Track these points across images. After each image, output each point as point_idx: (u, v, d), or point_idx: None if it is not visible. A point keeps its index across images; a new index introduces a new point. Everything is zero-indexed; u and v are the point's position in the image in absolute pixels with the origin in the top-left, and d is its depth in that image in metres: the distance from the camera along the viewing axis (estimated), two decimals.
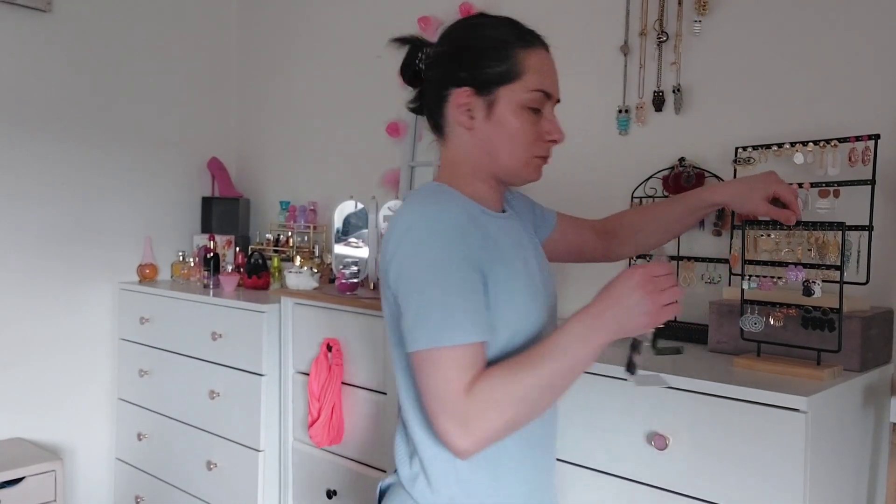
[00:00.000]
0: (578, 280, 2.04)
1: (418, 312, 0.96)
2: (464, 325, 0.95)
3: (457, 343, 0.94)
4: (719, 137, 1.78)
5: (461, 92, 1.10)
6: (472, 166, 1.13)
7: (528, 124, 1.10)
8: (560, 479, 1.50)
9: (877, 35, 1.56)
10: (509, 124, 1.10)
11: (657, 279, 0.98)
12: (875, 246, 1.49)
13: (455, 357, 0.94)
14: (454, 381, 0.94)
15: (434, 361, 0.95)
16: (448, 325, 0.95)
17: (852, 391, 1.35)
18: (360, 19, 2.64)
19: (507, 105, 1.10)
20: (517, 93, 1.10)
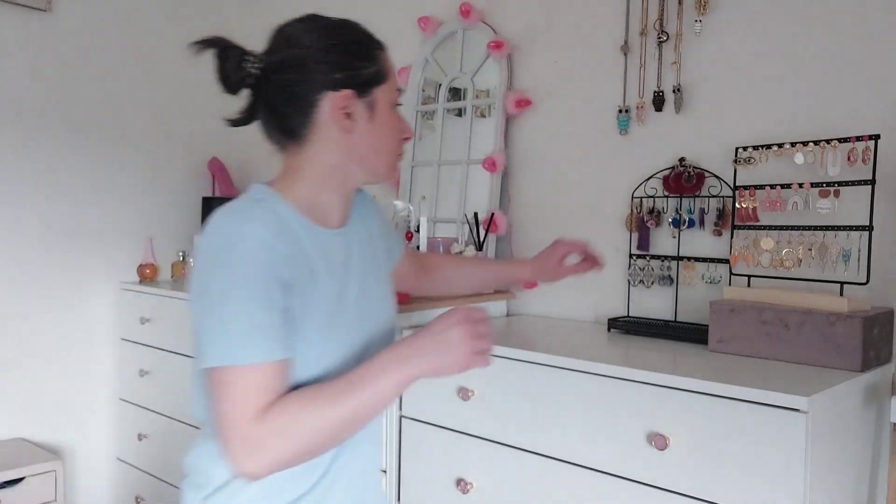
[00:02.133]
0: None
1: (213, 328, 0.92)
2: (260, 343, 0.91)
3: (252, 361, 0.91)
4: (719, 137, 1.78)
5: (340, 95, 1.05)
6: (329, 174, 1.09)
7: (397, 121, 1.13)
8: (560, 478, 1.50)
9: (877, 35, 1.56)
10: (388, 125, 1.11)
11: (476, 324, 1.00)
12: (875, 246, 1.49)
13: (249, 377, 0.90)
14: (247, 404, 0.90)
15: (227, 380, 0.91)
16: (243, 342, 0.91)
17: (853, 391, 1.35)
18: (360, 19, 2.63)
19: (384, 106, 1.10)
20: (387, 93, 1.11)
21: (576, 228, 2.04)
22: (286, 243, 0.98)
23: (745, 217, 1.65)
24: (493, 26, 2.19)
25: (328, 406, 0.93)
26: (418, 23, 2.37)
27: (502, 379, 1.59)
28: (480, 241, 2.06)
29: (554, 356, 1.51)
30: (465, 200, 2.23)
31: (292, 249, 0.99)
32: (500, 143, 2.15)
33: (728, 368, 1.41)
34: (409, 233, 2.07)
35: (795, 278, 1.59)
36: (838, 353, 1.39)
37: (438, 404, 1.72)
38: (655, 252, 1.90)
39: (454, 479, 1.68)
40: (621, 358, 1.49)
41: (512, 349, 1.58)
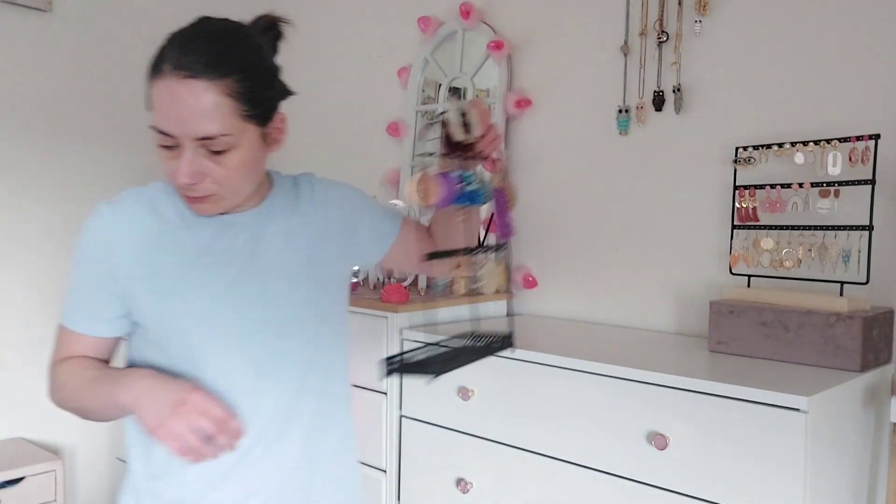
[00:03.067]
0: (568, 273, 2.04)
1: (66, 294, 1.15)
2: (74, 316, 1.12)
3: (67, 327, 1.12)
4: (719, 137, 1.78)
5: None
6: None
7: (164, 160, 1.05)
8: (560, 478, 1.50)
9: (877, 35, 1.56)
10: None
11: (201, 412, 0.96)
12: (875, 246, 1.49)
13: (64, 336, 1.13)
14: (56, 353, 1.14)
15: (58, 332, 1.14)
16: (67, 311, 1.13)
17: (853, 391, 1.35)
18: (360, 19, 2.64)
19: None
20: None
21: (576, 228, 2.04)
22: (131, 236, 1.08)
23: (745, 217, 1.65)
24: (493, 26, 2.19)
25: (77, 388, 1.09)
26: (418, 23, 2.37)
27: (502, 379, 1.59)
28: (480, 240, 2.06)
29: (554, 356, 1.51)
30: None
31: (135, 241, 1.08)
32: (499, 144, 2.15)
33: (728, 369, 1.41)
34: None
35: (795, 278, 1.59)
36: (838, 353, 1.39)
37: (438, 404, 1.72)
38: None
39: (454, 478, 1.68)
40: (621, 358, 1.49)
41: (512, 349, 1.58)
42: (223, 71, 0.99)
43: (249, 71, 1.02)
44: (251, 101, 1.02)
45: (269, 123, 1.07)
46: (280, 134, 1.12)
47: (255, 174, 1.09)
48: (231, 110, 0.99)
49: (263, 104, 1.05)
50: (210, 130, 0.99)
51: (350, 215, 1.26)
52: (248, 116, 1.02)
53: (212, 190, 1.04)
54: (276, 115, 1.09)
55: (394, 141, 2.48)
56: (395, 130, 2.44)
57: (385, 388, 1.83)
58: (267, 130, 1.07)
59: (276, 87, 1.10)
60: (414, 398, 1.78)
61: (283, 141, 1.13)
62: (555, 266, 2.09)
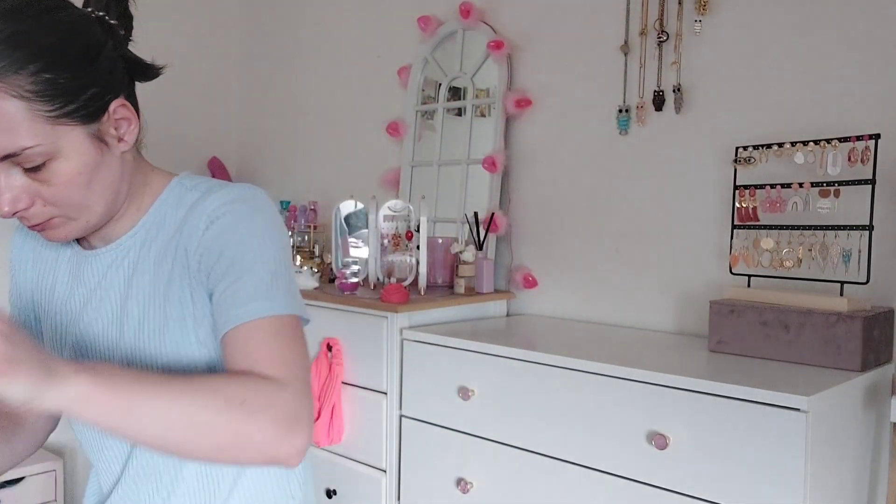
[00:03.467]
0: (568, 273, 2.04)
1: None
2: None
3: None
4: (719, 137, 1.78)
5: None
6: None
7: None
8: (560, 478, 1.50)
9: (877, 35, 1.56)
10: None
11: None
12: (875, 246, 1.49)
13: None
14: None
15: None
16: None
17: (853, 391, 1.35)
18: (360, 19, 2.64)
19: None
20: None
21: (576, 228, 2.04)
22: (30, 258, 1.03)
23: (745, 217, 1.65)
24: (493, 26, 2.19)
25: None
26: (418, 23, 2.37)
27: (502, 379, 1.59)
28: (480, 240, 2.06)
29: (554, 356, 1.51)
30: (465, 200, 2.23)
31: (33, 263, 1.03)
32: (499, 143, 2.15)
33: (728, 368, 1.41)
34: (410, 232, 2.07)
35: (795, 278, 1.59)
36: (838, 353, 1.39)
37: (438, 404, 1.72)
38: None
39: (454, 478, 1.68)
40: (621, 358, 1.49)
41: (512, 349, 1.58)
42: (8, 66, 0.77)
43: (48, 58, 0.79)
44: (58, 96, 0.80)
45: (102, 118, 0.85)
46: (126, 127, 0.89)
47: (103, 185, 0.88)
48: (31, 114, 0.79)
49: (80, 97, 0.82)
50: (8, 145, 0.78)
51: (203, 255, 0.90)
52: (59, 117, 0.80)
53: (50, 213, 0.86)
54: (113, 106, 0.87)
55: (394, 141, 2.48)
56: (395, 130, 2.44)
57: (385, 388, 1.83)
58: (101, 127, 0.86)
59: (100, 70, 0.85)
60: (414, 398, 1.78)
61: (132, 136, 0.90)
62: (555, 266, 2.09)
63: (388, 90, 2.52)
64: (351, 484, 1.92)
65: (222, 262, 0.87)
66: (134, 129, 0.90)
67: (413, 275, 2.03)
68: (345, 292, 2.00)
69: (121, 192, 0.92)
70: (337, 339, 1.94)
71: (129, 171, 0.92)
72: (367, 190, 2.46)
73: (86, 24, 0.86)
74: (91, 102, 0.84)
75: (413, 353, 1.78)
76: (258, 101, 3.04)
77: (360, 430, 1.90)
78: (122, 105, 0.88)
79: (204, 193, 0.92)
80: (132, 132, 0.90)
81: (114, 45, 0.89)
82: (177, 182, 0.97)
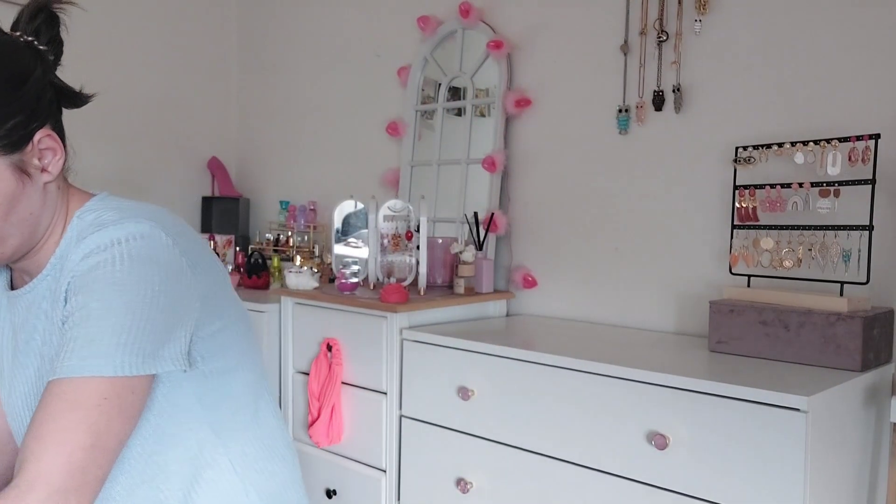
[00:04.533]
0: (568, 273, 2.04)
1: None
2: None
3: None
4: (719, 137, 1.78)
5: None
6: None
7: None
8: (560, 478, 1.49)
9: (877, 34, 1.56)
10: None
11: None
12: (875, 246, 1.49)
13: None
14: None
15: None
16: None
17: (853, 391, 1.35)
18: (360, 19, 2.64)
19: None
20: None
21: (576, 228, 2.04)
22: None
23: (745, 217, 1.65)
24: (493, 26, 2.19)
25: None
26: (418, 22, 2.36)
27: (502, 379, 1.59)
28: (480, 240, 2.06)
29: (554, 356, 1.51)
30: (465, 200, 2.23)
31: None
32: (499, 143, 2.15)
33: (728, 368, 1.41)
34: (409, 232, 2.07)
35: (795, 278, 1.59)
36: (838, 353, 1.39)
37: (438, 404, 1.71)
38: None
39: (454, 478, 1.68)
40: (621, 358, 1.49)
41: (512, 349, 1.58)
42: None
43: None
44: None
45: (25, 149, 0.82)
46: (51, 157, 0.85)
47: (21, 216, 0.83)
48: None
49: (3, 126, 0.79)
50: None
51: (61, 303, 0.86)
52: None
53: None
54: (38, 136, 0.83)
55: (394, 140, 2.48)
56: (394, 130, 2.44)
57: (385, 388, 1.83)
58: (23, 158, 0.82)
59: (26, 98, 0.82)
60: (414, 398, 1.78)
61: (56, 167, 0.86)
62: (555, 266, 2.09)
63: (388, 90, 2.51)
64: (351, 484, 1.92)
65: (76, 302, 0.81)
66: (59, 160, 0.86)
67: (413, 275, 2.03)
68: (344, 292, 2.00)
69: (40, 223, 0.87)
70: (337, 339, 1.94)
71: (51, 203, 0.88)
72: (367, 190, 2.46)
73: (12, 49, 0.83)
74: (14, 132, 0.80)
75: (413, 353, 1.78)
76: (258, 101, 3.04)
77: (360, 430, 1.90)
78: (48, 135, 0.84)
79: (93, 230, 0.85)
80: (56, 163, 0.86)
81: (42, 72, 0.85)
82: (77, 217, 0.90)
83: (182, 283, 0.85)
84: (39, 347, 0.89)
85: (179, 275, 0.85)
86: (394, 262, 2.07)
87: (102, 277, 0.80)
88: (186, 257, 0.86)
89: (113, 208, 0.90)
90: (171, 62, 2.89)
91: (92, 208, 0.91)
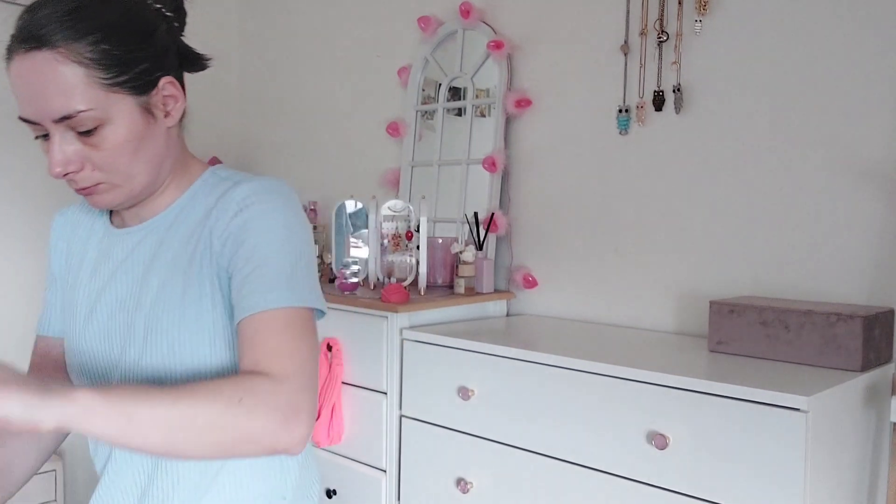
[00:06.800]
0: (568, 273, 2.04)
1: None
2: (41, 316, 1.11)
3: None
4: (720, 137, 1.78)
5: None
6: None
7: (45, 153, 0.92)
8: (560, 478, 1.50)
9: (877, 34, 1.56)
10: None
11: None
12: (875, 246, 1.49)
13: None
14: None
15: None
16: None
17: (853, 391, 1.35)
18: (361, 19, 2.64)
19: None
20: None
21: (576, 228, 2.04)
22: (64, 237, 1.09)
23: None
24: (493, 26, 2.19)
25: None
26: (418, 23, 2.37)
27: (502, 379, 1.59)
28: (480, 240, 2.06)
29: (554, 356, 1.51)
30: (465, 200, 2.23)
31: (66, 243, 1.08)
32: (499, 143, 2.15)
33: (728, 368, 1.41)
34: (410, 232, 2.07)
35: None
36: (838, 353, 1.39)
37: (438, 404, 1.72)
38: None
39: (454, 478, 1.68)
40: (621, 358, 1.49)
41: (512, 349, 1.58)
42: (70, 35, 0.84)
43: (107, 31, 0.86)
44: (113, 66, 0.86)
45: (151, 92, 0.91)
46: (172, 104, 0.95)
47: (148, 155, 0.93)
48: (88, 80, 0.85)
49: (133, 69, 0.88)
50: (65, 108, 0.84)
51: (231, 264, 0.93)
52: (113, 85, 0.87)
53: (97, 178, 0.91)
54: (162, 83, 0.93)
55: (394, 141, 2.48)
56: (394, 130, 2.44)
57: (385, 388, 1.83)
58: (149, 100, 0.91)
59: (153, 48, 0.91)
60: (414, 398, 1.78)
61: (177, 113, 0.96)
62: (555, 266, 2.09)
63: (388, 90, 2.52)
64: (351, 484, 1.92)
65: (245, 248, 0.91)
66: (180, 107, 0.96)
67: (413, 275, 2.03)
68: (345, 292, 2.00)
69: (164, 166, 0.97)
70: (337, 339, 1.94)
71: (173, 148, 0.98)
72: (367, 190, 2.47)
73: (143, 8, 0.93)
74: (142, 76, 0.89)
75: (413, 353, 1.78)
76: (258, 101, 3.04)
77: (360, 430, 1.90)
78: (171, 83, 0.94)
79: (235, 183, 0.96)
80: (178, 109, 0.96)
81: (167, 31, 0.95)
82: (211, 172, 1.02)
83: (311, 235, 0.99)
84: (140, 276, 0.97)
85: (309, 227, 0.98)
86: (394, 262, 2.07)
87: (268, 219, 0.92)
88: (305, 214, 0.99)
89: (237, 173, 1.01)
90: None
91: (224, 168, 1.03)
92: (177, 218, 0.99)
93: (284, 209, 0.93)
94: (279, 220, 0.92)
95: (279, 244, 0.91)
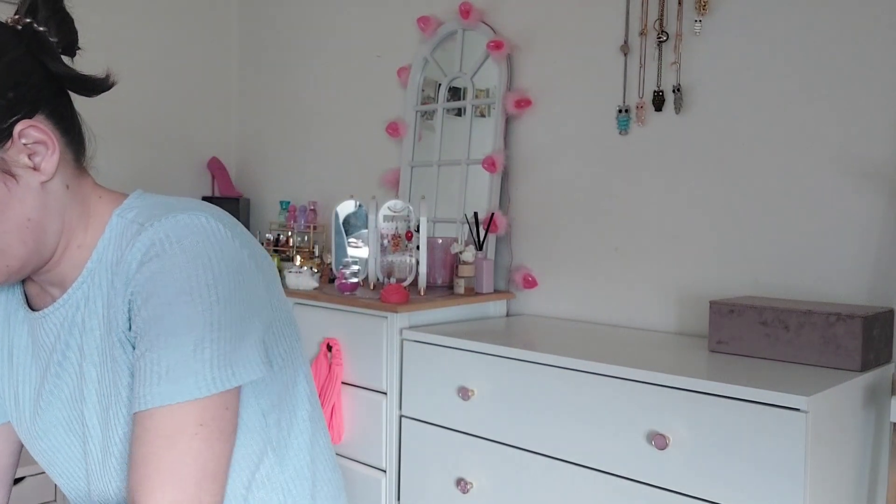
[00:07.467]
0: (568, 273, 2.04)
1: None
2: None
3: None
4: (719, 137, 1.78)
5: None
6: None
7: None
8: (560, 478, 1.50)
9: (876, 34, 1.56)
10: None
11: None
12: (875, 246, 1.49)
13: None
14: None
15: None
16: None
17: (853, 391, 1.35)
18: (360, 19, 2.64)
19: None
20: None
21: (576, 228, 2.04)
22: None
23: None
24: (493, 26, 2.19)
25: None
26: (418, 23, 2.36)
27: (502, 379, 1.59)
28: (480, 241, 2.06)
29: (554, 356, 1.51)
30: (465, 200, 2.23)
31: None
32: (499, 143, 2.15)
33: (728, 368, 1.41)
34: (409, 232, 2.07)
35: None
36: (838, 353, 1.39)
37: (438, 404, 1.72)
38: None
39: (454, 478, 1.68)
40: (621, 358, 1.49)
41: (512, 349, 1.58)
42: None
43: None
44: None
45: (4, 146, 0.72)
46: (43, 152, 0.74)
47: (14, 225, 0.74)
48: None
49: None
50: None
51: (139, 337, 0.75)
52: None
53: None
54: (18, 130, 0.72)
55: (394, 141, 2.48)
56: (394, 130, 2.44)
57: (385, 388, 1.83)
58: (4, 157, 0.72)
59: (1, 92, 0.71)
60: (414, 398, 1.78)
61: (50, 165, 0.75)
62: (555, 266, 2.09)
63: (388, 90, 2.51)
64: (351, 484, 1.92)
65: (140, 321, 0.74)
66: (52, 156, 0.74)
67: (413, 275, 2.03)
68: (344, 292, 2.00)
69: (46, 230, 0.77)
70: (336, 340, 1.94)
71: (56, 206, 0.77)
72: (367, 190, 2.47)
73: (10, 41, 0.72)
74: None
75: (413, 353, 1.78)
76: (258, 101, 3.04)
77: (360, 430, 1.90)
78: (32, 127, 0.73)
79: (140, 227, 0.77)
80: (50, 159, 0.74)
81: (26, 54, 0.74)
82: (118, 216, 0.81)
83: (248, 278, 0.77)
84: (77, 365, 0.81)
85: (243, 269, 0.77)
86: (394, 262, 2.07)
87: (167, 285, 0.72)
88: (246, 249, 0.78)
89: (156, 204, 0.81)
90: (171, 62, 2.90)
91: (132, 206, 0.82)
92: (90, 289, 0.80)
93: (191, 264, 0.72)
94: (179, 282, 0.72)
95: (177, 317, 0.71)
